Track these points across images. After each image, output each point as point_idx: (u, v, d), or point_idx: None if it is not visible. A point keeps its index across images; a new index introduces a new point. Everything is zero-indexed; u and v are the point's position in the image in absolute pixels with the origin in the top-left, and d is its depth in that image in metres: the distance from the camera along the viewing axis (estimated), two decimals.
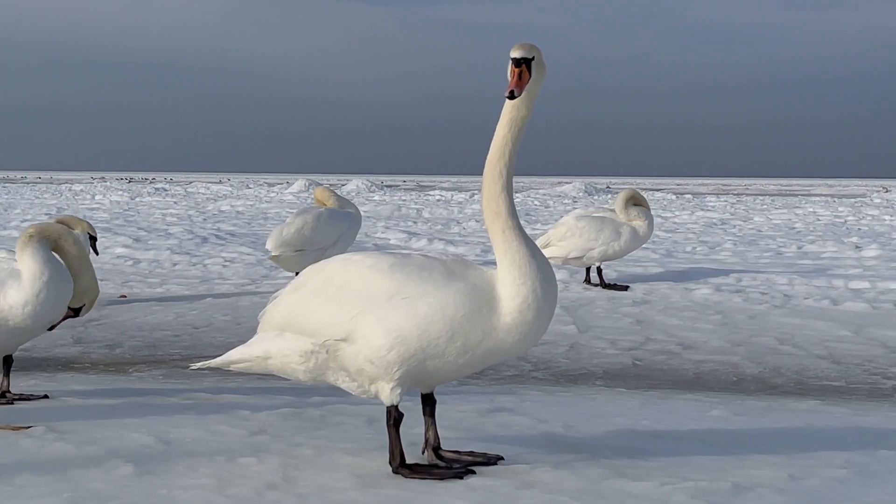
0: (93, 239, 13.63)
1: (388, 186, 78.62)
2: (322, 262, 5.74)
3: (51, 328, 7.68)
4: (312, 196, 15.34)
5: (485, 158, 5.47)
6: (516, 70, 5.39)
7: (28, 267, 7.31)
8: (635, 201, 14.86)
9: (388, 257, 5.51)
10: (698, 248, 21.09)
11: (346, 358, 5.45)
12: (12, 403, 7.47)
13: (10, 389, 7.68)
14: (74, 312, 7.71)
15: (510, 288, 5.31)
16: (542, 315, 5.34)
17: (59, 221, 12.97)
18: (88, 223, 13.43)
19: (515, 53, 5.42)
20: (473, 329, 5.31)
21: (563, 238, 14.35)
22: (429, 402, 5.74)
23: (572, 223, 14.59)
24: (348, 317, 5.41)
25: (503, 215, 5.42)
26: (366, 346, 5.37)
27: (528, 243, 5.41)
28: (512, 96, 5.37)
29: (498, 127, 5.47)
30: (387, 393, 5.46)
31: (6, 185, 78.21)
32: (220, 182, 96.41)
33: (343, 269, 5.54)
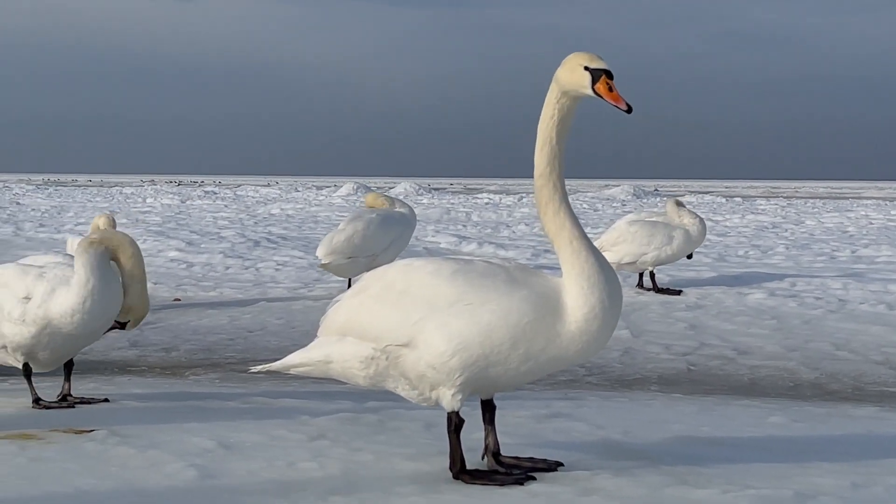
0: None
1: (435, 189, 78.74)
2: (383, 267, 5.75)
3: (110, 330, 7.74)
4: (363, 200, 15.34)
5: (530, 161, 5.47)
6: (610, 82, 5.39)
7: (79, 274, 7.37)
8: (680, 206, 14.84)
9: (450, 263, 5.51)
10: (750, 253, 20.98)
11: (408, 364, 5.45)
12: (73, 407, 7.54)
13: (72, 393, 7.75)
14: (120, 326, 7.74)
15: (577, 297, 5.30)
16: (607, 325, 5.34)
17: (93, 228, 13.03)
18: (108, 215, 13.53)
19: (606, 64, 5.41)
20: (537, 337, 5.30)
21: (616, 243, 14.31)
22: (488, 408, 5.74)
23: (625, 228, 14.56)
24: (410, 322, 5.42)
25: (568, 227, 5.43)
26: (427, 352, 5.37)
27: (596, 253, 5.41)
28: (630, 110, 5.38)
29: (543, 141, 5.45)
30: (448, 399, 5.46)
31: (58, 188, 78.87)
32: (269, 185, 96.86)
33: (405, 275, 5.54)
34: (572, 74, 5.40)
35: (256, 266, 18.00)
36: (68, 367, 7.81)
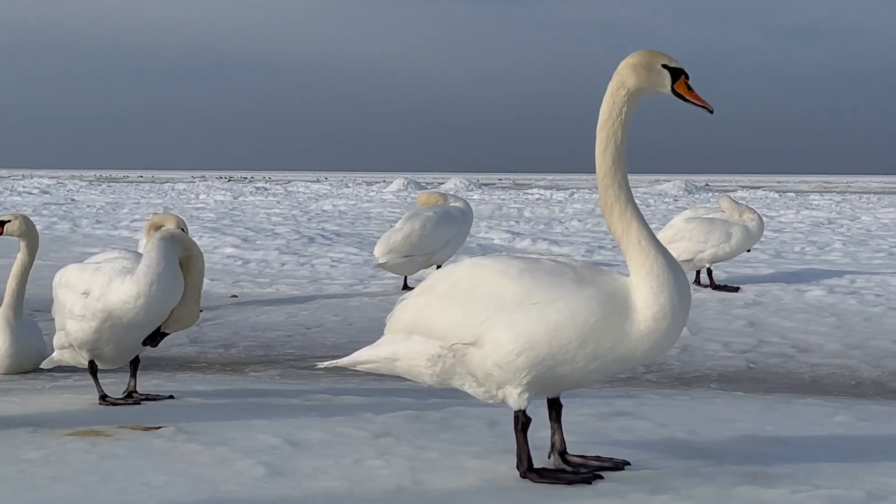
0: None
1: (484, 185, 78.72)
2: (450, 266, 5.76)
3: (145, 342, 7.73)
4: (414, 197, 15.30)
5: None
6: (688, 82, 5.40)
7: (149, 257, 7.44)
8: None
9: (517, 262, 5.51)
10: (807, 249, 20.83)
11: (474, 362, 5.46)
12: (139, 404, 7.61)
13: (137, 389, 7.82)
14: (151, 341, 7.74)
15: (647, 296, 5.29)
16: (676, 324, 5.33)
17: (154, 223, 13.15)
18: (180, 218, 13.64)
19: (682, 63, 5.41)
20: (605, 336, 5.29)
21: (673, 240, 14.25)
22: (555, 406, 5.74)
23: (682, 225, 14.50)
24: (477, 321, 5.42)
25: (635, 226, 5.42)
26: (494, 351, 5.38)
27: (665, 252, 5.40)
28: (713, 111, 5.41)
29: (606, 140, 5.43)
30: (514, 398, 5.46)
31: (111, 184, 79.52)
32: (318, 181, 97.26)
33: (472, 274, 5.55)
34: (650, 73, 5.38)
35: (312, 263, 18.08)
36: (134, 364, 7.89)
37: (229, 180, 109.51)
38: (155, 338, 7.70)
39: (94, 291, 7.51)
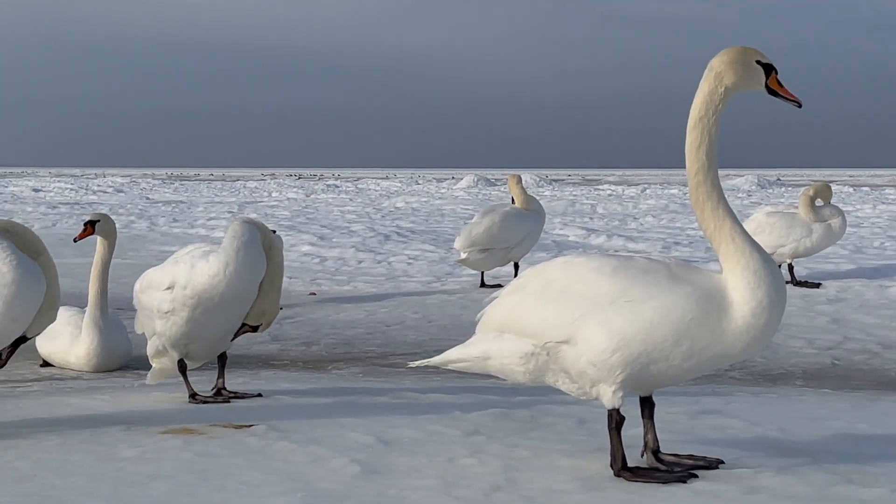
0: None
1: (554, 181, 78.54)
2: (542, 264, 5.76)
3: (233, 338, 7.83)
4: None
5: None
6: (777, 75, 5.39)
7: (231, 230, 7.57)
8: (818, 197, 14.57)
9: (611, 260, 5.50)
10: (887, 244, 20.57)
11: (568, 360, 5.45)
12: (229, 401, 7.67)
13: (226, 387, 7.89)
14: (252, 329, 7.83)
15: (744, 292, 5.27)
16: (773, 319, 5.31)
17: None
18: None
19: (771, 60, 5.41)
20: (701, 333, 5.27)
21: (754, 234, 14.14)
22: (647, 404, 5.71)
23: (763, 219, 14.44)
24: (570, 319, 5.41)
25: (728, 223, 5.40)
26: (588, 349, 5.36)
27: (759, 248, 5.39)
28: (801, 104, 5.41)
29: (700, 138, 5.41)
30: (609, 396, 5.45)
31: (183, 182, 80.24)
32: (388, 178, 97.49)
33: (565, 272, 5.54)
34: (745, 69, 5.38)
35: (388, 260, 18.15)
36: (222, 361, 7.95)
37: (299, 178, 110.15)
38: (237, 333, 7.78)
39: (180, 280, 7.58)
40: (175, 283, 7.60)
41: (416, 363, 6.06)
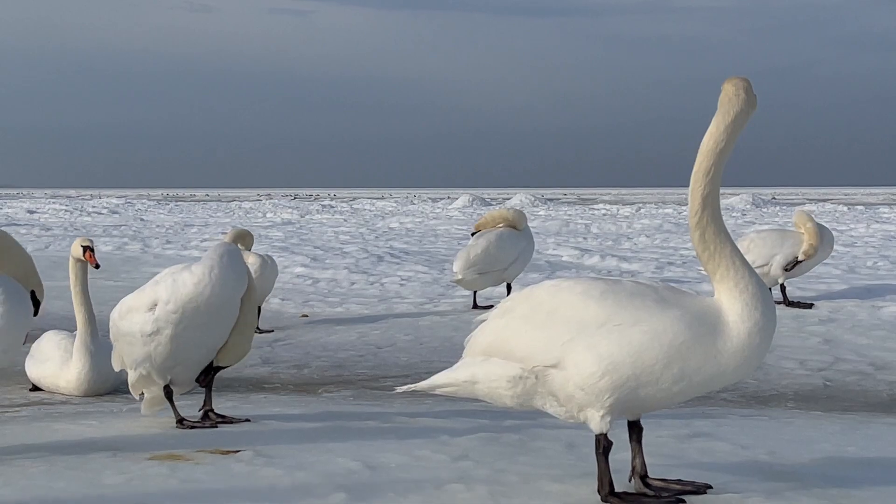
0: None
1: (549, 200, 78.58)
2: (529, 287, 5.74)
3: (198, 378, 7.80)
4: (480, 213, 15.42)
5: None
6: None
7: (213, 245, 7.63)
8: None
9: (599, 283, 5.49)
10: (880, 264, 20.55)
11: (556, 384, 5.43)
12: (216, 427, 7.63)
13: (213, 408, 7.84)
14: (204, 377, 7.80)
15: (741, 313, 5.30)
16: (766, 342, 5.35)
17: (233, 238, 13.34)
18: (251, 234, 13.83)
19: None
20: (692, 356, 5.27)
21: (747, 251, 14.15)
22: (635, 429, 5.69)
23: (754, 235, 14.60)
24: (558, 343, 5.40)
25: (728, 249, 5.44)
26: (576, 373, 5.35)
27: (755, 273, 5.44)
28: None
29: (708, 166, 5.43)
30: (596, 421, 5.43)
31: (178, 203, 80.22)
32: (383, 198, 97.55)
33: (553, 295, 5.53)
34: (754, 99, 5.46)
35: (381, 281, 18.12)
36: (209, 383, 7.88)
37: (294, 198, 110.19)
38: (208, 373, 7.75)
39: (163, 296, 7.55)
40: (157, 301, 7.57)
41: (403, 388, 6.03)
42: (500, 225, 15.49)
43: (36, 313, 7.11)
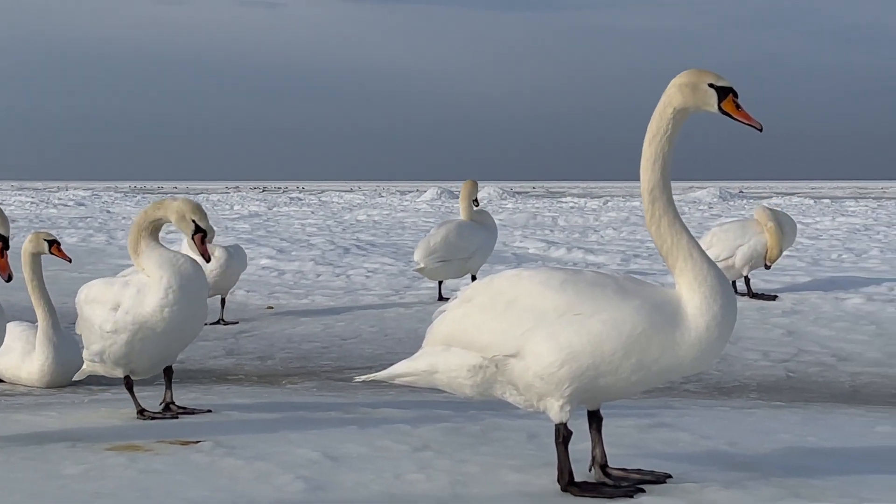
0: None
1: (518, 193, 78.66)
2: (489, 277, 5.73)
3: None
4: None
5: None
6: (737, 100, 5.41)
7: (174, 272, 7.56)
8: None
9: (559, 273, 5.49)
10: (844, 256, 20.66)
11: (515, 373, 5.43)
12: (177, 417, 7.59)
13: (175, 401, 7.81)
14: None
15: (700, 305, 5.30)
16: (725, 333, 5.34)
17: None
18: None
19: (730, 82, 5.42)
20: (651, 347, 5.27)
21: (711, 246, 14.20)
22: (595, 418, 5.69)
23: (716, 229, 14.66)
24: (518, 332, 5.39)
25: (684, 240, 5.44)
26: (536, 363, 5.34)
27: (713, 263, 5.44)
28: (762, 128, 5.42)
29: (654, 156, 5.45)
30: (556, 410, 5.42)
31: (146, 195, 79.88)
32: (352, 191, 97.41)
33: (513, 285, 5.52)
34: (696, 92, 5.40)
35: (347, 273, 18.10)
36: (168, 375, 7.85)
37: (263, 191, 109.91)
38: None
39: (125, 304, 7.48)
40: (119, 305, 7.50)
41: (362, 378, 6.02)
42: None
43: None
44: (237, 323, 13.73)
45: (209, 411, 7.77)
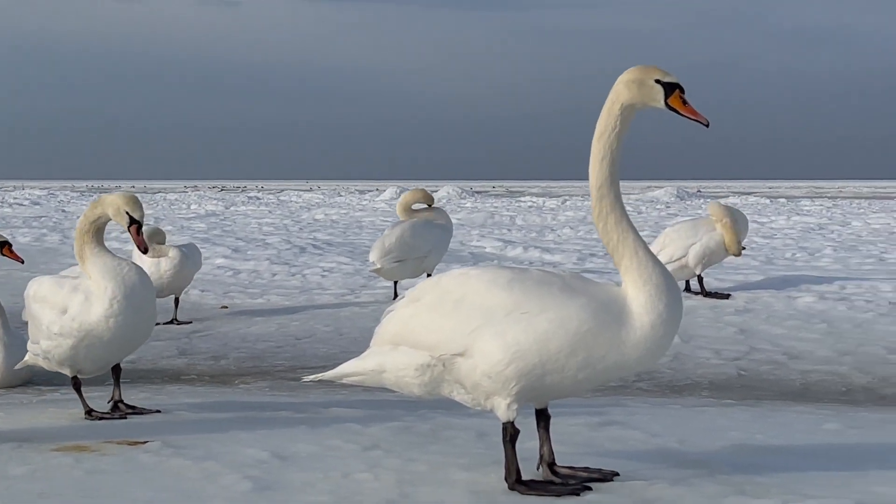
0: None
1: (477, 192, 78.75)
2: (437, 276, 5.74)
3: None
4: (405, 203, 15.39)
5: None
6: (684, 96, 5.43)
7: (119, 283, 7.50)
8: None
9: (506, 272, 5.50)
10: (798, 255, 20.80)
11: (463, 372, 5.43)
12: (125, 418, 7.55)
13: (123, 399, 7.76)
14: None
15: (645, 304, 5.32)
16: (670, 332, 5.36)
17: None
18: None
19: (676, 78, 5.44)
20: (597, 345, 5.29)
21: (664, 247, 14.24)
22: (543, 416, 5.71)
23: (668, 230, 14.68)
24: (466, 331, 5.40)
25: (630, 238, 5.46)
26: (483, 361, 5.35)
27: (659, 262, 5.47)
28: (708, 124, 5.44)
29: (602, 152, 5.47)
30: (503, 409, 5.43)
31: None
32: (311, 190, 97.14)
33: (461, 284, 5.53)
34: (642, 88, 5.42)
35: (303, 273, 18.04)
36: (116, 374, 7.80)
37: (221, 190, 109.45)
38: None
39: (72, 310, 7.39)
40: (67, 309, 7.42)
41: (311, 378, 6.01)
42: (422, 207, 15.47)
43: None
44: (191, 322, 13.67)
45: (158, 411, 7.73)
